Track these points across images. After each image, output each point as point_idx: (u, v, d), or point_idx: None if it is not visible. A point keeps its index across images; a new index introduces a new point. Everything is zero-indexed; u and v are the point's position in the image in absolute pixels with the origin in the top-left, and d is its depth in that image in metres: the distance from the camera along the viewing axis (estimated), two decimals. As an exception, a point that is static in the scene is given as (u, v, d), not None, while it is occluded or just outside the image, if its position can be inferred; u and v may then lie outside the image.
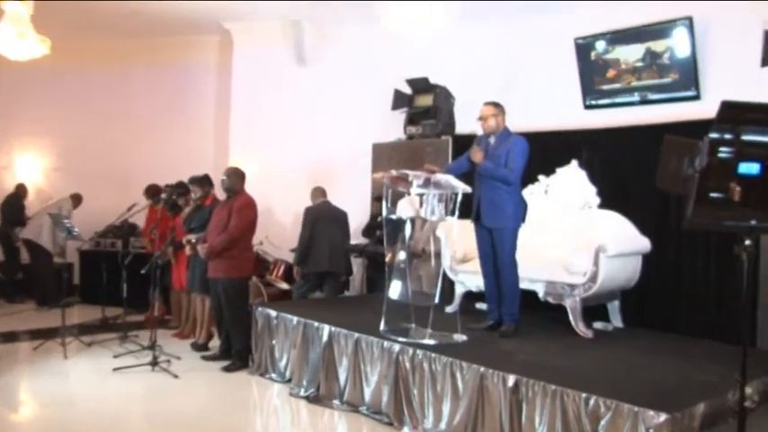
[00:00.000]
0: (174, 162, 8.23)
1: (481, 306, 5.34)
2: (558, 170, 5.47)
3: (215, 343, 5.90)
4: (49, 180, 9.33)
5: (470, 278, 5.26)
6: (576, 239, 4.90)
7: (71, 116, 9.15)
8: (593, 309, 4.84)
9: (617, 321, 4.96)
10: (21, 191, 8.73)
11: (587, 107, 6.09)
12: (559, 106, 6.26)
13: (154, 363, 5.28)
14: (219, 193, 6.00)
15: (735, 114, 2.44)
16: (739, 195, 2.42)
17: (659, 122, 5.32)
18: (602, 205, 5.16)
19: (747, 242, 2.51)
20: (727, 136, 2.44)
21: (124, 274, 6.45)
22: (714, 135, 2.44)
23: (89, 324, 6.95)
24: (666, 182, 2.69)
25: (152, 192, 7.20)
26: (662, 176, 2.70)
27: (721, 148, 2.44)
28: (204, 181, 6.16)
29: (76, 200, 8.31)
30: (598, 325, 4.86)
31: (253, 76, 8.41)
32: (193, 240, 5.76)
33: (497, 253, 4.46)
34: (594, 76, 5.99)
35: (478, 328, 4.62)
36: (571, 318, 4.59)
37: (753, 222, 2.49)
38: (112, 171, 8.84)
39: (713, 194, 2.46)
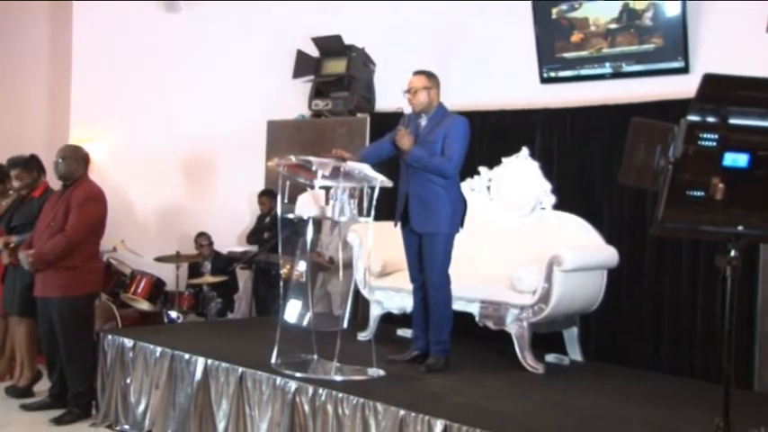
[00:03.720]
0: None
1: (404, 333, 5.40)
2: (505, 160, 5.55)
3: (43, 386, 5.72)
4: None
5: (390, 297, 5.30)
6: (523, 249, 4.99)
7: None
8: (546, 337, 4.96)
9: (575, 354, 5.07)
10: None
11: (545, 80, 6.21)
12: (509, 78, 6.38)
13: (-52, 418, 5.08)
14: (53, 182, 5.83)
15: (721, 91, 2.48)
16: (723, 193, 2.46)
17: (636, 101, 5.48)
18: (559, 206, 5.27)
19: (732, 253, 2.54)
20: (711, 119, 2.48)
21: None
22: (694, 117, 2.48)
23: None
24: (632, 176, 2.71)
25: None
26: (627, 169, 2.72)
27: (702, 135, 2.47)
28: (31, 163, 5.96)
29: None
30: (551, 358, 4.98)
31: (102, 24, 8.19)
32: (13, 244, 5.57)
33: (425, 265, 4.53)
34: (555, 41, 6.10)
35: (399, 361, 4.66)
36: (517, 348, 4.68)
37: (739, 228, 2.52)
38: None
39: (690, 192, 2.49)
